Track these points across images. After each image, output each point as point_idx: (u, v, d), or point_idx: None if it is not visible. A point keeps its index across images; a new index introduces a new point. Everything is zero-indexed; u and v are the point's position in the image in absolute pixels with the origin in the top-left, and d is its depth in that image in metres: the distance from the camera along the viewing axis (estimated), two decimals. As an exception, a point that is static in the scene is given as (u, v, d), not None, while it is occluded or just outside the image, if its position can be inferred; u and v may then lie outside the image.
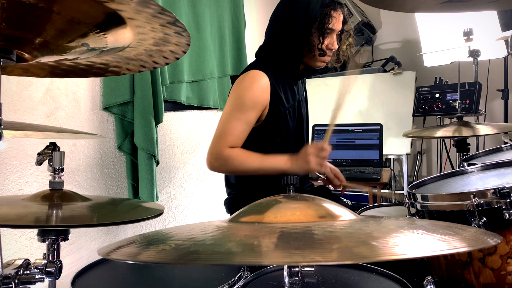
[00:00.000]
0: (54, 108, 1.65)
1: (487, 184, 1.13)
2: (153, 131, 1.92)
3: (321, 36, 1.49)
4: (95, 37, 0.59)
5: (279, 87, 1.51)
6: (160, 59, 0.70)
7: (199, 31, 2.41)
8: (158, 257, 0.50)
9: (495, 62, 2.89)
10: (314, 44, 1.49)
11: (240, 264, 0.95)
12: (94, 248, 1.80)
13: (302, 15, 1.46)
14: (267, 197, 0.70)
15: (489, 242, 0.54)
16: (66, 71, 0.75)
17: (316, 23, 1.47)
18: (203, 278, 1.00)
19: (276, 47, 1.53)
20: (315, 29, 1.48)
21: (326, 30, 1.48)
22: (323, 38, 1.49)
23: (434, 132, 1.85)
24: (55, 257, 0.88)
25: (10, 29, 0.54)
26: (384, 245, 0.48)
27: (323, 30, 1.48)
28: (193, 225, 0.69)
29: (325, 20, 1.47)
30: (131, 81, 1.89)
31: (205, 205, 2.55)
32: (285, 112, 1.53)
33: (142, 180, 1.91)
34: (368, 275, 0.94)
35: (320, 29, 1.48)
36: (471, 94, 2.61)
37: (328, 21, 1.47)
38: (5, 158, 1.47)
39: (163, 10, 0.53)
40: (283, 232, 0.54)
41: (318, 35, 1.49)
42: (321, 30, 1.48)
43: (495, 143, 2.97)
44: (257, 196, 0.73)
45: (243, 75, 1.50)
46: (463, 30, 1.94)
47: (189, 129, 2.43)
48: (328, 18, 1.47)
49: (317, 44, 1.49)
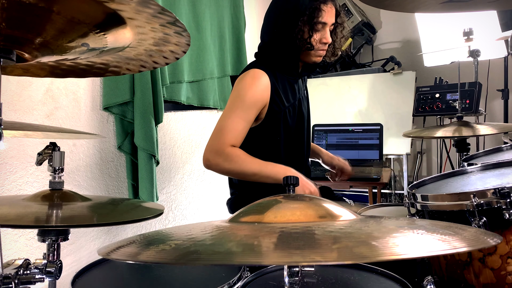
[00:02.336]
0: (54, 108, 1.65)
1: (487, 184, 1.13)
2: (153, 131, 1.92)
3: (310, 30, 1.48)
4: (95, 37, 0.59)
5: (279, 85, 1.51)
6: (160, 59, 0.70)
7: (199, 31, 2.41)
8: (158, 257, 0.50)
9: (495, 62, 2.89)
10: (303, 38, 1.49)
11: (240, 264, 0.95)
12: (94, 248, 1.80)
13: (292, 10, 1.47)
14: (267, 197, 0.70)
15: (489, 242, 0.54)
16: (66, 71, 0.75)
17: (305, 17, 1.47)
18: (203, 278, 1.00)
19: (272, 45, 1.53)
20: (302, 22, 1.47)
21: (315, 23, 1.47)
22: (312, 32, 1.48)
23: (434, 132, 1.84)
24: (55, 257, 0.88)
25: (10, 29, 0.54)
26: (384, 245, 0.48)
27: (312, 24, 1.47)
28: (193, 225, 0.68)
29: (315, 13, 1.47)
30: (131, 81, 1.89)
31: (205, 205, 2.55)
32: (285, 111, 1.53)
33: (142, 180, 1.91)
34: (368, 275, 0.94)
35: (309, 23, 1.47)
36: (471, 94, 2.61)
37: (317, 14, 1.47)
38: (5, 158, 1.47)
39: (163, 10, 0.53)
40: (283, 232, 0.54)
41: (308, 29, 1.48)
42: (310, 23, 1.47)
43: (495, 143, 2.97)
44: (259, 197, 0.73)
45: (243, 74, 1.51)
46: (463, 30, 1.94)
47: (189, 129, 2.43)
48: (317, 11, 1.47)
49: (306, 38, 1.49)
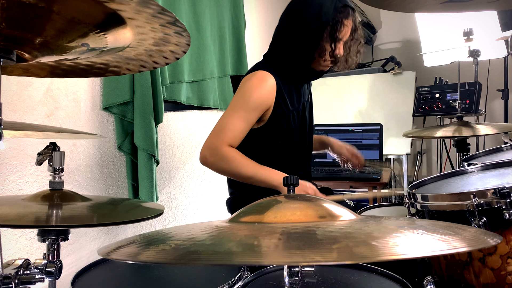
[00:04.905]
0: (54, 108, 1.65)
1: (487, 184, 1.13)
2: (153, 131, 1.92)
3: (333, 43, 1.46)
4: (95, 37, 0.59)
5: (285, 89, 1.50)
6: (160, 59, 0.70)
7: (199, 31, 2.41)
8: (158, 257, 0.50)
9: (495, 62, 2.89)
10: (325, 50, 1.47)
11: (240, 264, 0.95)
12: (94, 248, 1.80)
13: (314, 18, 1.43)
14: (267, 197, 0.70)
15: (489, 242, 0.54)
16: (66, 71, 0.75)
17: (328, 27, 1.44)
18: (203, 278, 1.00)
19: (285, 49, 1.50)
20: (327, 34, 1.45)
21: (337, 37, 1.45)
22: (335, 45, 1.46)
23: (434, 132, 1.84)
24: (55, 257, 0.88)
25: (10, 29, 0.54)
26: (384, 245, 0.48)
27: (335, 37, 1.45)
28: (193, 225, 0.68)
29: (337, 27, 1.44)
30: (131, 81, 1.89)
31: (205, 205, 2.55)
32: (288, 115, 1.52)
33: (142, 180, 1.91)
34: (368, 275, 0.94)
35: (331, 36, 1.45)
36: (471, 94, 2.61)
37: (340, 28, 1.45)
38: (5, 158, 1.47)
39: (163, 10, 0.53)
40: (283, 232, 0.54)
41: (330, 42, 1.46)
42: (333, 36, 1.45)
43: (495, 143, 2.97)
44: (259, 197, 0.73)
45: (250, 74, 1.48)
46: (463, 30, 1.94)
47: (189, 129, 2.43)
48: (340, 25, 1.45)
49: (330, 51, 1.47)
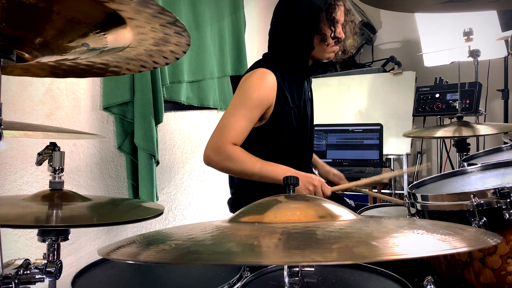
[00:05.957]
0: (54, 108, 1.65)
1: (487, 184, 1.13)
2: (153, 131, 1.92)
3: (331, 25, 1.49)
4: (95, 37, 0.59)
5: (286, 86, 1.50)
6: (160, 59, 0.70)
7: (199, 31, 2.41)
8: (158, 257, 0.50)
9: (495, 62, 2.89)
10: (326, 34, 1.50)
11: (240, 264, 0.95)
12: (94, 248, 1.80)
13: (307, 7, 1.47)
14: (267, 197, 0.70)
15: (489, 242, 0.54)
16: (66, 71, 0.75)
17: (323, 12, 1.48)
18: (203, 278, 1.00)
19: (283, 43, 1.52)
20: (323, 18, 1.48)
21: (334, 18, 1.49)
22: (334, 27, 1.49)
23: (434, 132, 1.84)
24: (55, 257, 0.88)
25: (10, 29, 0.54)
26: (384, 245, 0.48)
27: (332, 18, 1.48)
28: (193, 225, 0.68)
29: (331, 9, 1.48)
30: (131, 81, 1.89)
31: (205, 205, 2.55)
32: (290, 112, 1.52)
33: (142, 180, 1.91)
34: (368, 275, 0.94)
35: (328, 18, 1.48)
36: (471, 94, 2.61)
37: (334, 10, 1.48)
38: (5, 158, 1.47)
39: (163, 10, 0.53)
40: (283, 232, 0.54)
41: (328, 25, 1.49)
42: (330, 18, 1.48)
43: (495, 143, 2.97)
44: (260, 197, 0.73)
45: (250, 72, 1.49)
46: (463, 30, 1.94)
47: (189, 129, 2.43)
48: (333, 7, 1.48)
49: (330, 33, 1.49)
